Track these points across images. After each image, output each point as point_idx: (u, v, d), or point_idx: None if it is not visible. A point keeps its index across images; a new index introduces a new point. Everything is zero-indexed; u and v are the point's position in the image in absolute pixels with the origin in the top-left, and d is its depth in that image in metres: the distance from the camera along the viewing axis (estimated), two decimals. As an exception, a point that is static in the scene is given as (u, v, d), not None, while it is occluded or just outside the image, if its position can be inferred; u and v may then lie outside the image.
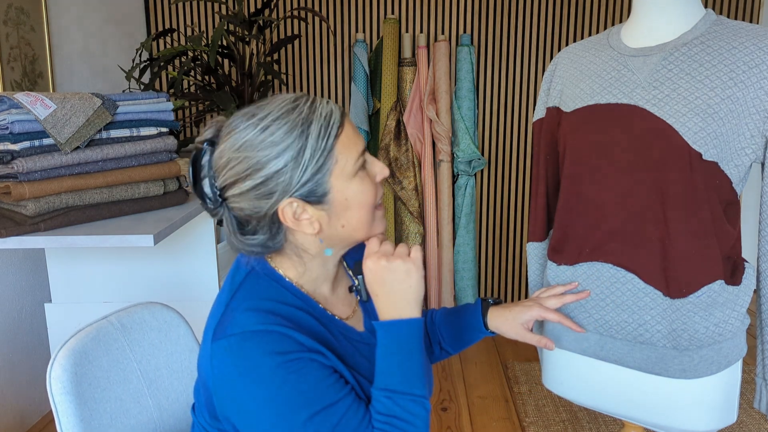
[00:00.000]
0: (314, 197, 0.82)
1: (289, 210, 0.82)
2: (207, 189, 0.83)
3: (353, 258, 1.01)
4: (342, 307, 0.95)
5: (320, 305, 0.90)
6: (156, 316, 1.19)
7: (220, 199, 0.83)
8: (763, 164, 1.07)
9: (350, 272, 1.01)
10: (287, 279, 0.88)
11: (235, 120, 0.83)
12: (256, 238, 0.85)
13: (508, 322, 1.08)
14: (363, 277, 0.93)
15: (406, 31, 3.14)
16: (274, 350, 0.78)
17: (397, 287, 0.85)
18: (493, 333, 1.09)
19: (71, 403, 0.99)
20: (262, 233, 0.85)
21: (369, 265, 0.86)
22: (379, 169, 0.88)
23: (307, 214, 0.83)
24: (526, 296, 3.39)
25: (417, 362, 0.85)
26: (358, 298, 0.98)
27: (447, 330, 1.15)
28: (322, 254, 0.89)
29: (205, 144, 0.84)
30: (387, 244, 0.88)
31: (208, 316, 0.88)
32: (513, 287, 3.40)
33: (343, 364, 0.85)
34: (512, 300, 3.41)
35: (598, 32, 2.92)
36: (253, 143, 0.79)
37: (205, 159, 0.83)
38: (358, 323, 0.96)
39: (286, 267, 0.89)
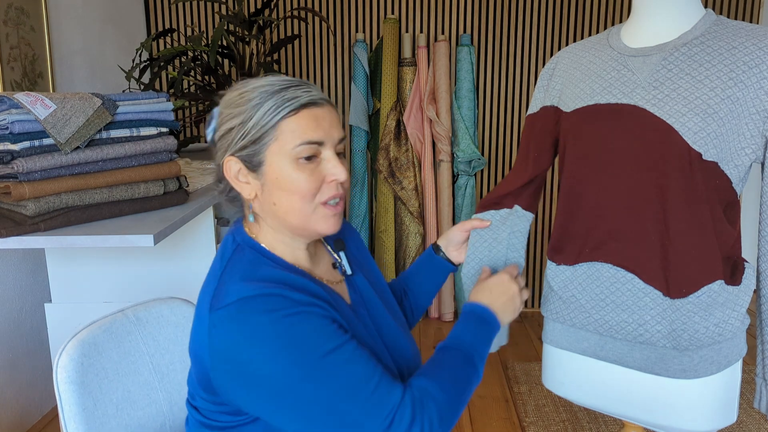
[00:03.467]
0: (251, 164, 0.90)
1: (232, 166, 0.90)
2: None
3: (332, 236, 1.06)
4: (328, 278, 0.99)
5: (307, 272, 0.94)
6: (175, 311, 1.20)
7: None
8: (763, 164, 1.07)
9: (329, 248, 1.05)
10: (270, 250, 0.93)
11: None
12: (219, 187, 0.97)
13: (452, 244, 1.25)
14: (344, 253, 1.03)
15: (406, 31, 3.14)
16: (273, 308, 0.80)
17: (504, 299, 1.06)
18: (453, 267, 1.25)
19: (74, 392, 1.00)
20: (221, 184, 0.96)
21: (495, 278, 1.08)
22: (331, 170, 0.90)
23: (246, 178, 0.91)
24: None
25: (480, 342, 0.99)
26: (343, 276, 1.02)
27: (416, 278, 1.25)
28: (282, 227, 0.93)
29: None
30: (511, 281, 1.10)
31: (200, 292, 0.90)
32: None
33: (340, 316, 0.88)
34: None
35: (598, 32, 2.92)
36: (229, 103, 0.91)
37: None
38: (344, 295, 0.99)
39: (264, 237, 0.94)
